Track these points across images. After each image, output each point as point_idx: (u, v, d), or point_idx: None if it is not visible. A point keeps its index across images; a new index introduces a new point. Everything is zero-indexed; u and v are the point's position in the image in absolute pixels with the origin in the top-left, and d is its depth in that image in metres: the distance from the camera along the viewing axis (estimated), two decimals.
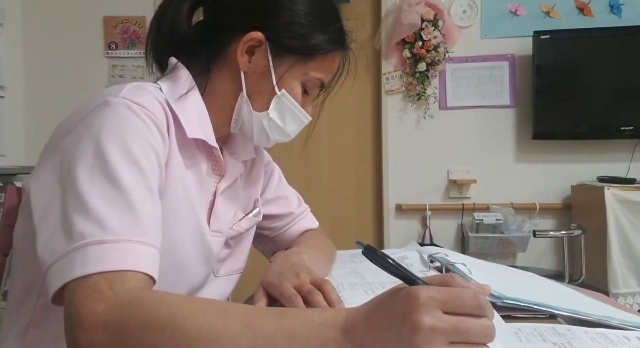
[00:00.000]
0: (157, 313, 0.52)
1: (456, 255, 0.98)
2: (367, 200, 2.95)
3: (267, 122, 0.83)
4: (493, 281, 0.79)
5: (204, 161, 0.83)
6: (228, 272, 0.93)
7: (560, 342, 0.59)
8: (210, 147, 0.82)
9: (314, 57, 0.82)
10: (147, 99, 0.71)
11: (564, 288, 0.91)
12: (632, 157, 2.69)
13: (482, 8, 2.79)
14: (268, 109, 0.82)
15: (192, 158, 0.80)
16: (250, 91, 0.82)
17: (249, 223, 0.95)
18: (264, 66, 0.81)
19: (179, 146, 0.77)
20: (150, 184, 0.65)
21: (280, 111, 0.83)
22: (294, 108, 0.84)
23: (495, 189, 2.79)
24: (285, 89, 0.82)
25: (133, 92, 0.71)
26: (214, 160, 0.85)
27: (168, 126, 0.74)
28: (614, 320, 0.67)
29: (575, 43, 2.66)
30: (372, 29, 2.89)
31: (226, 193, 0.88)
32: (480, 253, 2.61)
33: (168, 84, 0.80)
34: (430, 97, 2.80)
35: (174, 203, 0.75)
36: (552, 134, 2.70)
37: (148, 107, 0.70)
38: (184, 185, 0.77)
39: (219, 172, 0.87)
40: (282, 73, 0.81)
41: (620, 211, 2.30)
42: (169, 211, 0.73)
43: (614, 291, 2.27)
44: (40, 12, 2.86)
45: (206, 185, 0.83)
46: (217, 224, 0.85)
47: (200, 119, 0.80)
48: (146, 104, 0.70)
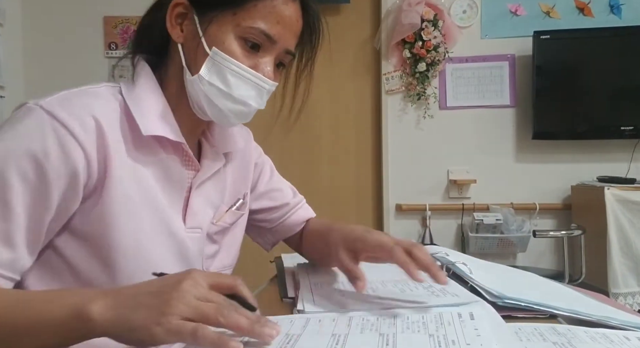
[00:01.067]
0: None
1: (457, 255, 0.98)
2: (367, 200, 2.95)
3: (207, 88, 0.77)
4: (493, 281, 0.79)
5: (171, 156, 0.80)
6: (218, 268, 0.91)
7: (560, 342, 0.59)
8: (177, 142, 0.79)
9: (241, 5, 0.76)
10: (69, 111, 0.70)
11: (564, 289, 0.91)
12: (632, 157, 2.69)
13: (482, 8, 2.78)
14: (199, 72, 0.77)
15: (154, 156, 0.78)
16: (190, 63, 0.79)
17: (233, 216, 0.92)
18: (195, 31, 0.78)
19: (135, 146, 0.75)
20: (10, 201, 0.66)
21: (219, 73, 0.77)
22: (234, 67, 0.76)
23: (495, 189, 2.79)
24: (216, 46, 0.76)
25: (57, 102, 0.70)
26: (185, 155, 0.83)
27: (112, 131, 0.72)
28: (614, 320, 0.67)
29: (575, 43, 2.66)
30: (372, 29, 2.89)
31: (204, 188, 0.85)
32: (480, 253, 2.61)
33: (127, 84, 0.80)
34: (430, 97, 2.79)
35: (128, 207, 0.74)
36: (552, 134, 2.70)
37: (63, 120, 0.68)
38: (139, 186, 0.76)
39: (193, 167, 0.84)
40: (211, 32, 0.77)
41: (620, 211, 2.30)
42: (124, 215, 0.73)
43: (614, 291, 2.27)
44: (40, 12, 2.86)
45: (177, 181, 0.81)
46: (194, 220, 0.83)
47: (161, 114, 0.78)
48: (63, 116, 0.69)
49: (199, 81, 0.77)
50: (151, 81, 0.81)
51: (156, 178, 0.78)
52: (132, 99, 0.77)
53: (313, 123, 2.93)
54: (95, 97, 0.74)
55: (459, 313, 0.65)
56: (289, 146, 2.91)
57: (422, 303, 0.70)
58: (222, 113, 0.80)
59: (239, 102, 0.79)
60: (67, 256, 0.73)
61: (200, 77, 0.77)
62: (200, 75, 0.77)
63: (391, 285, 0.83)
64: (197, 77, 0.77)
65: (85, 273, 0.73)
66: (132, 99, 0.77)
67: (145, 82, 0.80)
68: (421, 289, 0.80)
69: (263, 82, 0.79)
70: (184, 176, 0.82)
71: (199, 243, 0.85)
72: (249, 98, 0.79)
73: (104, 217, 0.72)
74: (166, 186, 0.80)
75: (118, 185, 0.73)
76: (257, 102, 0.81)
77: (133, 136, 0.75)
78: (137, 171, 0.76)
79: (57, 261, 0.73)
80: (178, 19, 0.80)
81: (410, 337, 0.59)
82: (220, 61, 0.76)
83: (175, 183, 0.81)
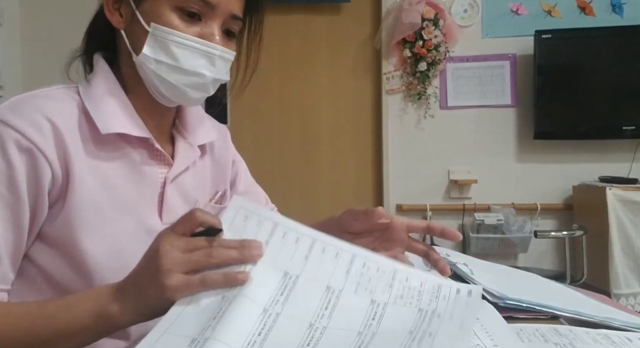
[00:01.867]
0: None
1: (458, 255, 0.97)
2: (367, 200, 2.94)
3: (155, 66, 0.75)
4: (495, 282, 0.78)
5: (138, 152, 0.78)
6: None
7: (562, 343, 0.58)
8: (142, 138, 0.77)
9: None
10: (21, 115, 0.68)
11: (566, 289, 0.90)
12: (634, 157, 2.68)
13: (483, 7, 2.78)
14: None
15: (119, 153, 0.76)
16: (135, 46, 0.76)
17: (212, 211, 0.89)
18: (132, 12, 0.76)
19: (98, 146, 0.74)
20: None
21: (163, 47, 0.74)
22: (177, 38, 0.74)
23: (496, 189, 2.78)
24: (154, 21, 0.74)
25: (8, 108, 0.69)
26: (155, 150, 0.80)
27: (69, 132, 0.71)
28: (616, 321, 0.67)
29: (577, 42, 2.65)
30: (373, 28, 2.89)
31: (179, 182, 0.83)
32: (481, 253, 2.61)
33: (84, 84, 0.78)
34: (431, 96, 2.79)
35: (95, 209, 0.72)
36: (554, 134, 2.69)
37: (16, 126, 0.67)
38: (108, 187, 0.74)
39: (164, 161, 0.82)
40: (146, 9, 0.74)
41: (622, 212, 2.29)
42: (92, 218, 0.72)
43: (615, 292, 2.26)
44: (39, 11, 2.86)
45: (149, 177, 0.79)
46: (171, 215, 0.80)
47: (122, 110, 0.76)
48: (16, 122, 0.68)
49: (145, 60, 0.75)
50: (108, 76, 0.79)
51: (124, 177, 0.76)
52: (90, 97, 0.75)
53: (313, 123, 2.92)
54: (47, 99, 0.73)
55: (457, 289, 0.62)
56: (289, 146, 2.91)
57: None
58: (177, 89, 0.77)
59: (191, 74, 0.76)
60: (42, 265, 0.72)
61: (145, 56, 0.75)
62: (144, 54, 0.74)
63: None
64: (142, 57, 0.75)
65: (60, 281, 0.73)
66: (90, 97, 0.75)
67: (103, 78, 0.78)
68: None
69: (210, 48, 0.76)
70: (155, 172, 0.80)
71: None
72: (200, 67, 0.76)
73: (70, 222, 0.71)
74: (136, 182, 0.78)
75: (82, 188, 0.71)
76: (211, 70, 0.77)
77: (94, 136, 0.73)
78: (102, 172, 0.74)
79: (32, 270, 0.73)
80: (115, 5, 0.78)
81: (400, 310, 0.58)
82: (160, 35, 0.74)
83: (146, 179, 0.79)
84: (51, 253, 0.72)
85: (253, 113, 2.87)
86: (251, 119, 2.87)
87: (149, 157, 0.80)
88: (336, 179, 2.94)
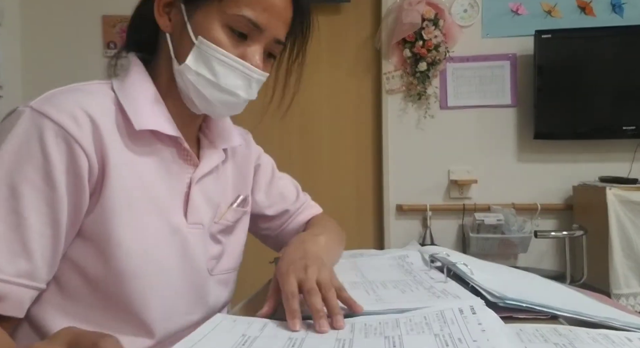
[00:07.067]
0: None
1: (458, 255, 0.97)
2: (367, 200, 2.94)
3: (194, 78, 0.76)
4: (495, 282, 0.78)
5: (169, 151, 0.79)
6: (222, 271, 0.90)
7: (562, 343, 0.58)
8: (173, 137, 0.78)
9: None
10: (59, 107, 0.69)
11: (566, 289, 0.90)
12: (634, 157, 2.68)
13: (483, 7, 2.78)
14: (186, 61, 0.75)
15: (151, 150, 0.77)
16: (178, 53, 0.78)
17: (234, 214, 0.91)
18: (183, 20, 0.77)
19: (132, 140, 0.74)
20: (22, 211, 0.65)
21: (206, 62, 0.75)
22: (221, 55, 0.75)
23: (497, 189, 2.78)
24: (202, 35, 0.75)
25: (46, 101, 0.69)
26: (183, 150, 0.82)
27: (106, 125, 0.71)
28: (616, 321, 0.67)
29: (577, 42, 2.65)
30: (372, 28, 2.89)
31: (203, 184, 0.84)
32: (481, 253, 2.60)
33: (119, 80, 0.79)
34: (431, 96, 2.79)
35: (129, 202, 0.73)
36: (554, 134, 2.69)
37: (54, 117, 0.67)
38: (140, 182, 0.75)
39: (191, 162, 0.83)
40: (197, 20, 0.76)
41: (622, 212, 2.29)
42: (126, 211, 0.72)
43: (615, 292, 2.26)
44: (39, 11, 2.86)
45: (176, 176, 0.80)
46: (195, 215, 0.82)
47: (153, 108, 0.77)
48: (54, 114, 0.68)
49: (186, 71, 0.76)
50: (143, 74, 0.80)
51: (155, 172, 0.77)
52: (125, 94, 0.76)
53: (313, 123, 2.92)
54: (85, 93, 0.73)
55: (460, 309, 0.64)
56: (289, 146, 2.91)
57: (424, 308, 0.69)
58: (210, 103, 0.78)
59: (226, 92, 0.77)
60: (74, 259, 0.72)
61: (187, 67, 0.76)
62: (186, 64, 0.76)
63: (392, 285, 0.82)
64: (184, 67, 0.76)
65: (92, 275, 0.72)
66: (125, 94, 0.76)
67: (137, 76, 0.79)
68: (422, 289, 0.79)
69: (250, 71, 0.78)
70: (182, 171, 0.81)
71: (202, 240, 0.84)
72: (236, 88, 0.78)
73: (106, 214, 0.71)
74: (165, 180, 0.78)
75: (117, 181, 0.72)
76: (246, 92, 0.79)
77: (129, 131, 0.74)
78: (136, 165, 0.75)
79: (65, 265, 0.72)
80: (166, 8, 0.79)
81: (417, 338, 0.58)
82: (206, 49, 0.75)
83: (174, 177, 0.80)
84: (85, 247, 0.72)
85: (253, 113, 2.86)
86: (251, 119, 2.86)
87: (177, 156, 0.81)
88: (336, 179, 2.94)
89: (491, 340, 0.54)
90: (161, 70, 0.81)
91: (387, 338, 0.58)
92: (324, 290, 0.68)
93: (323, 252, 0.83)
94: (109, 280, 0.72)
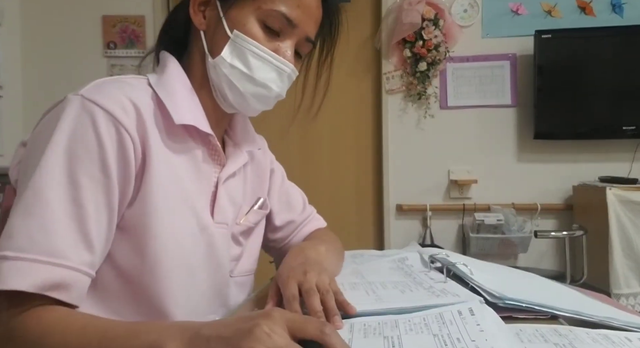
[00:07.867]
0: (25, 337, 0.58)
1: (457, 256, 0.97)
2: (367, 200, 2.94)
3: (228, 70, 0.78)
4: (494, 282, 0.78)
5: (200, 149, 0.80)
6: (242, 273, 0.90)
7: (561, 343, 0.58)
8: (206, 134, 0.80)
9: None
10: (108, 96, 0.69)
11: (566, 289, 0.90)
12: (634, 157, 2.68)
13: (483, 7, 2.78)
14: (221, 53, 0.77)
15: (185, 146, 0.78)
16: (212, 49, 0.79)
17: (256, 216, 0.92)
18: (217, 17, 0.79)
19: (168, 134, 0.75)
20: (82, 201, 0.65)
21: (240, 55, 0.78)
22: (255, 48, 0.77)
23: (496, 189, 2.78)
24: (237, 29, 0.77)
25: (94, 89, 0.70)
26: (212, 149, 0.83)
27: (148, 117, 0.72)
28: (616, 321, 0.67)
29: (577, 42, 2.65)
30: (373, 28, 2.89)
31: (229, 183, 0.85)
32: (481, 253, 2.60)
33: (155, 75, 0.80)
34: (431, 96, 2.79)
35: (164, 194, 0.73)
36: (554, 134, 2.69)
37: (105, 105, 0.68)
38: (174, 177, 0.75)
39: (219, 161, 0.84)
40: (232, 16, 0.78)
41: (622, 212, 2.29)
42: (162, 203, 0.72)
43: (615, 292, 2.26)
44: (39, 11, 2.86)
45: (205, 174, 0.81)
46: (222, 215, 0.83)
47: (190, 104, 0.78)
48: (104, 102, 0.68)
49: (220, 64, 0.78)
50: (180, 70, 0.81)
51: (187, 170, 0.78)
52: (163, 88, 0.77)
53: (313, 123, 2.92)
54: (130, 85, 0.74)
55: (459, 311, 0.64)
56: (289, 146, 2.91)
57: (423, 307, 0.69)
58: (243, 97, 0.80)
59: (260, 85, 0.79)
60: (109, 251, 0.71)
61: (222, 60, 0.78)
62: (221, 57, 0.78)
63: (391, 286, 0.82)
64: (219, 59, 0.78)
65: (125, 268, 0.72)
66: (163, 88, 0.77)
67: (175, 72, 0.80)
68: (422, 290, 0.79)
69: (284, 65, 0.80)
70: (210, 170, 0.82)
71: (226, 240, 0.84)
72: (270, 81, 0.79)
73: (145, 206, 0.71)
74: (195, 178, 0.79)
75: (156, 174, 0.72)
76: (278, 86, 0.81)
77: (166, 126, 0.75)
78: (171, 161, 0.75)
79: None
80: (201, 7, 0.81)
81: (415, 338, 0.58)
82: (241, 43, 0.77)
83: (203, 176, 0.81)
84: (122, 239, 0.72)
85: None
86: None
87: (207, 155, 0.82)
88: (336, 179, 2.94)
89: (489, 340, 0.54)
90: (194, 67, 0.83)
91: (386, 338, 0.59)
92: (322, 292, 0.68)
93: (323, 259, 0.83)
94: (142, 274, 0.72)
